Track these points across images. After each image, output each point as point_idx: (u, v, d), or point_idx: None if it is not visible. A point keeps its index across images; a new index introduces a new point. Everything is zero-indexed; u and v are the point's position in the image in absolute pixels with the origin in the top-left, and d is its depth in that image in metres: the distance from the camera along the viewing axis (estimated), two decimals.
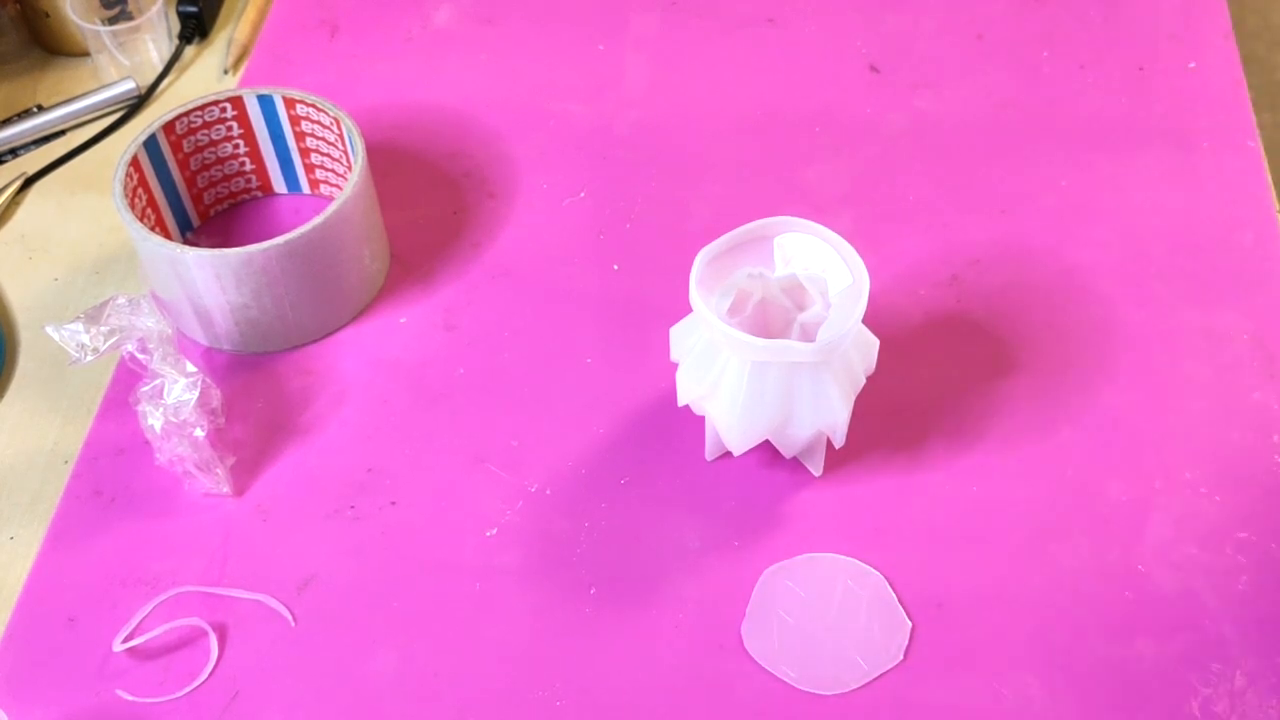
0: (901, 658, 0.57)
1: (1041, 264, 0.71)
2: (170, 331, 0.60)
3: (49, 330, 0.58)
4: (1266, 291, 0.69)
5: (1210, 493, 0.61)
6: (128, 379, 0.66)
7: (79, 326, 0.58)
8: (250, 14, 0.87)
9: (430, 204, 0.75)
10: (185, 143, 0.71)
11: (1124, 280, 0.70)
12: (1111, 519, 0.61)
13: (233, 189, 0.75)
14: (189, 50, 0.86)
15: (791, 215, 0.58)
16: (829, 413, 0.57)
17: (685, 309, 0.58)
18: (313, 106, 0.70)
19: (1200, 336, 0.67)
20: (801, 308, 0.60)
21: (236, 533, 0.62)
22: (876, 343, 0.60)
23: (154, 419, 0.60)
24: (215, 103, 0.70)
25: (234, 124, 0.72)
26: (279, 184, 0.76)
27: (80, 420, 0.67)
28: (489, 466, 0.64)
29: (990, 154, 0.77)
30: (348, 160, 0.70)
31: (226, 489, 0.63)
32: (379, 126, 0.79)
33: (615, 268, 0.72)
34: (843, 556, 0.60)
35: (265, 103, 0.71)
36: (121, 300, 0.59)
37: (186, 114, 0.70)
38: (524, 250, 0.73)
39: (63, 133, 0.81)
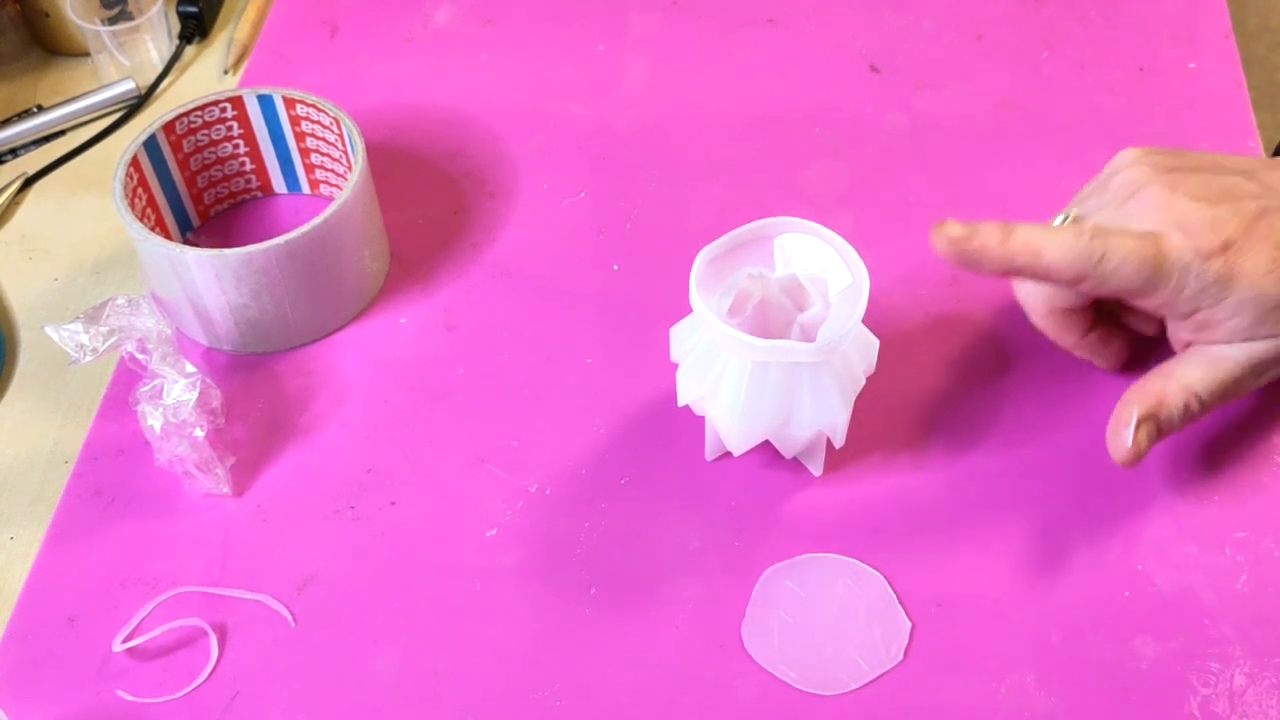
0: (901, 658, 0.57)
1: None
2: (170, 332, 0.60)
3: (48, 330, 0.58)
4: None
5: (1210, 493, 0.61)
6: (128, 379, 0.66)
7: (78, 327, 0.58)
8: (250, 14, 0.87)
9: (430, 204, 0.75)
10: (185, 143, 0.71)
11: None
12: (1111, 518, 0.61)
13: (233, 189, 0.75)
14: (189, 50, 0.86)
15: (791, 215, 0.59)
16: (829, 413, 0.57)
17: (685, 309, 0.58)
18: (313, 106, 0.70)
19: None
20: (801, 308, 0.60)
21: (236, 533, 0.62)
22: (876, 343, 0.60)
23: (153, 419, 0.60)
24: (215, 103, 0.70)
25: (234, 124, 0.72)
26: (279, 184, 0.76)
27: (80, 420, 0.67)
28: (489, 466, 0.64)
29: (990, 154, 0.77)
30: (348, 160, 0.70)
31: (226, 489, 0.63)
32: (379, 126, 0.79)
33: (615, 268, 0.72)
34: (843, 556, 0.60)
35: (265, 103, 0.71)
36: (121, 300, 0.59)
37: (186, 114, 0.70)
38: (524, 250, 0.73)
39: (63, 133, 0.81)
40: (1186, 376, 0.59)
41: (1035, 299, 0.63)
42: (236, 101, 0.71)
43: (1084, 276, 0.57)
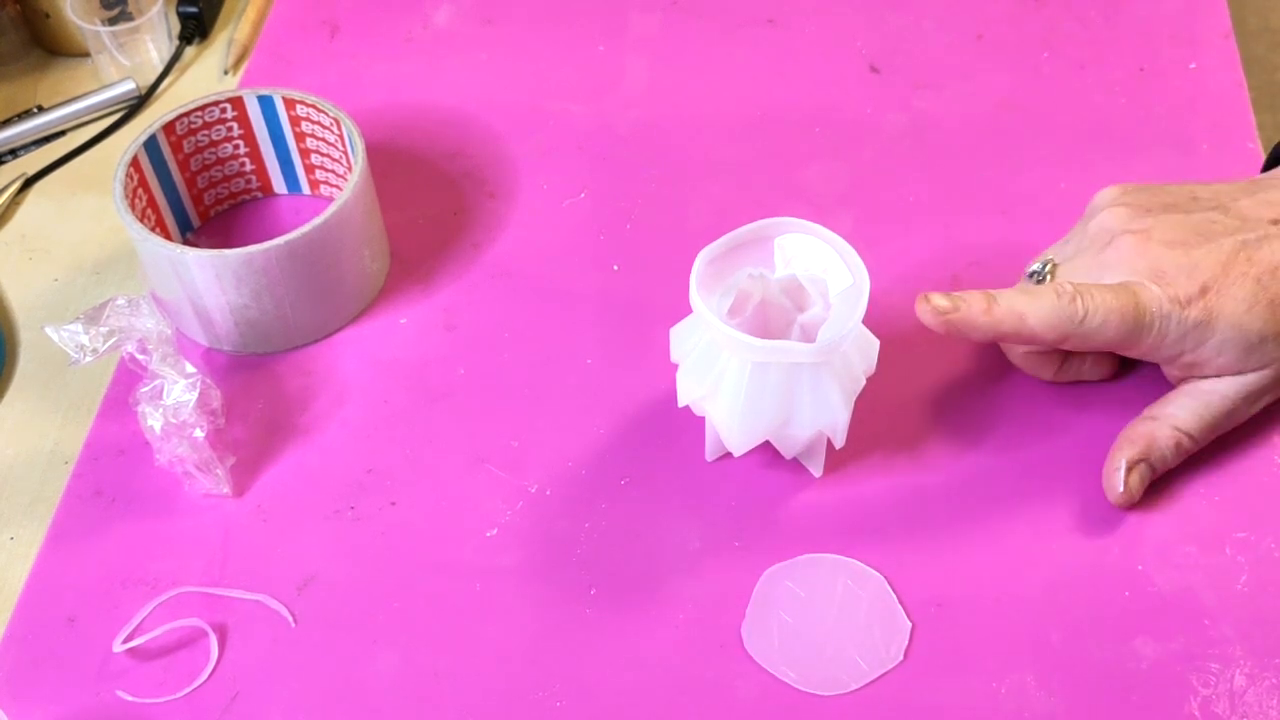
0: (901, 658, 0.57)
1: None
2: (170, 332, 0.60)
3: (48, 331, 0.58)
4: None
5: (1210, 493, 0.61)
6: (128, 379, 0.66)
7: (78, 327, 0.58)
8: (250, 14, 0.87)
9: (430, 204, 0.75)
10: (185, 143, 0.71)
11: None
12: (1111, 519, 0.61)
13: (233, 189, 0.75)
14: (189, 50, 0.86)
15: (791, 215, 0.59)
16: (829, 413, 0.57)
17: (685, 309, 0.58)
18: (313, 107, 0.70)
19: None
20: (802, 308, 0.60)
21: (236, 533, 0.62)
22: (877, 343, 0.60)
23: (154, 420, 0.60)
24: (215, 103, 0.70)
25: (234, 124, 0.72)
26: (279, 184, 0.76)
27: (80, 420, 0.67)
28: (489, 466, 0.64)
29: (990, 154, 0.77)
30: (348, 160, 0.70)
31: (226, 489, 0.63)
32: (379, 126, 0.79)
33: (615, 268, 0.72)
34: (843, 557, 0.60)
35: (265, 103, 0.71)
36: (121, 301, 0.59)
37: (186, 114, 0.70)
38: (524, 250, 0.73)
39: (63, 133, 0.81)
40: (1175, 417, 0.60)
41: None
42: (236, 102, 0.71)
43: (1067, 337, 0.58)
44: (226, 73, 0.84)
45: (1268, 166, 0.68)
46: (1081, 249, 0.61)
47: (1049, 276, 0.61)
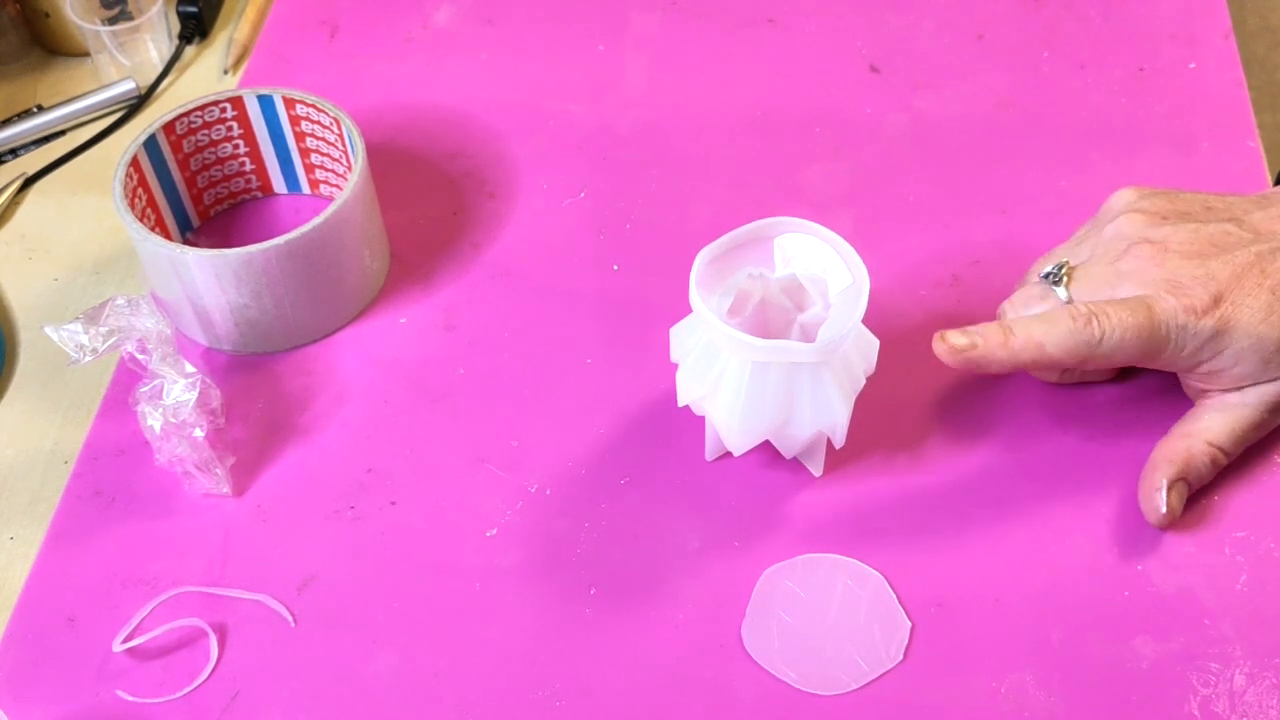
0: (901, 658, 0.57)
1: None
2: (169, 332, 0.60)
3: (48, 330, 0.58)
4: None
5: (1210, 492, 0.61)
6: (128, 379, 0.66)
7: (78, 327, 0.58)
8: (250, 14, 0.87)
9: (430, 204, 0.75)
10: (185, 143, 0.71)
11: None
12: (1111, 519, 0.61)
13: (233, 189, 0.75)
14: (189, 50, 0.86)
15: (791, 215, 0.59)
16: (829, 413, 0.57)
17: (685, 309, 0.58)
18: (313, 106, 0.70)
19: None
20: (802, 308, 0.60)
21: (236, 533, 0.62)
22: (877, 343, 0.60)
23: (153, 419, 0.60)
24: (215, 103, 0.70)
25: (234, 124, 0.72)
26: (279, 184, 0.76)
27: (80, 420, 0.67)
28: (489, 466, 0.64)
29: (990, 154, 0.77)
30: (348, 160, 0.70)
31: (226, 489, 0.63)
32: (379, 126, 0.79)
33: (615, 268, 0.72)
34: (843, 557, 0.60)
35: (265, 103, 0.71)
36: (121, 301, 0.59)
37: (186, 114, 0.70)
38: (524, 250, 0.73)
39: (63, 133, 0.81)
40: (1208, 432, 0.60)
41: None
42: (236, 101, 0.71)
43: (1088, 359, 0.59)
44: (226, 72, 0.84)
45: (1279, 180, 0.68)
46: (1096, 254, 0.61)
47: (1065, 278, 0.61)
